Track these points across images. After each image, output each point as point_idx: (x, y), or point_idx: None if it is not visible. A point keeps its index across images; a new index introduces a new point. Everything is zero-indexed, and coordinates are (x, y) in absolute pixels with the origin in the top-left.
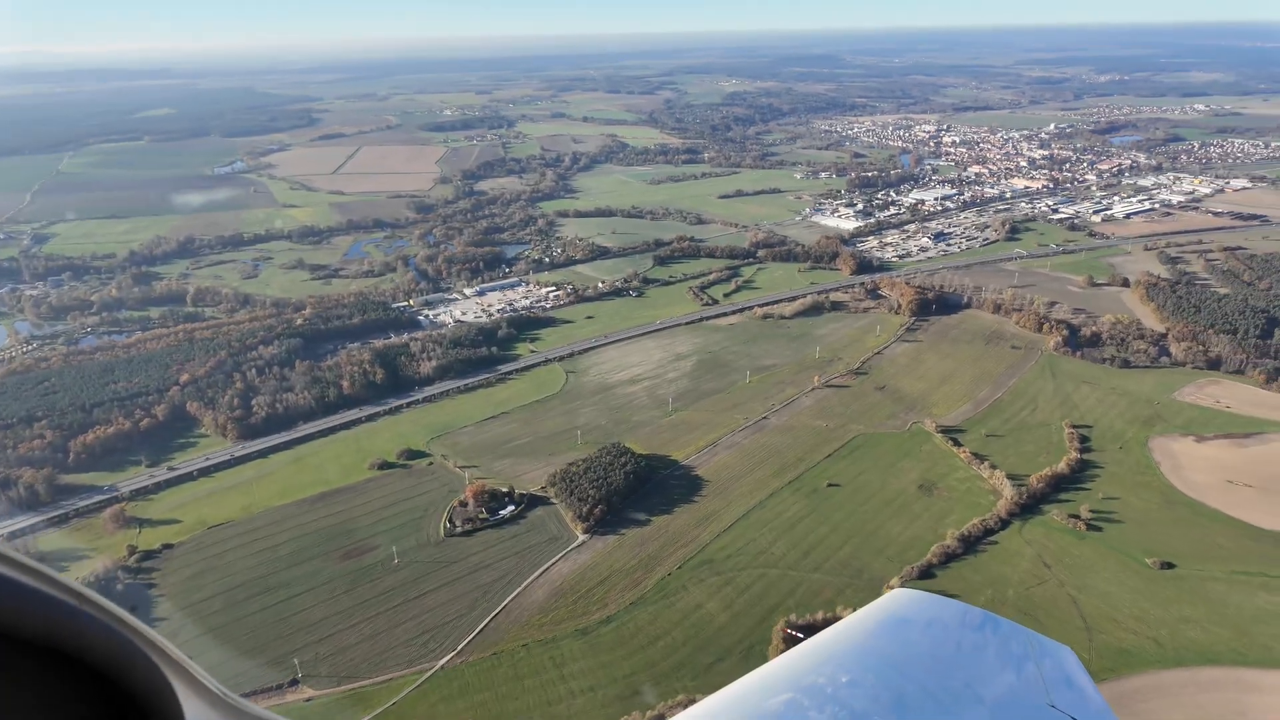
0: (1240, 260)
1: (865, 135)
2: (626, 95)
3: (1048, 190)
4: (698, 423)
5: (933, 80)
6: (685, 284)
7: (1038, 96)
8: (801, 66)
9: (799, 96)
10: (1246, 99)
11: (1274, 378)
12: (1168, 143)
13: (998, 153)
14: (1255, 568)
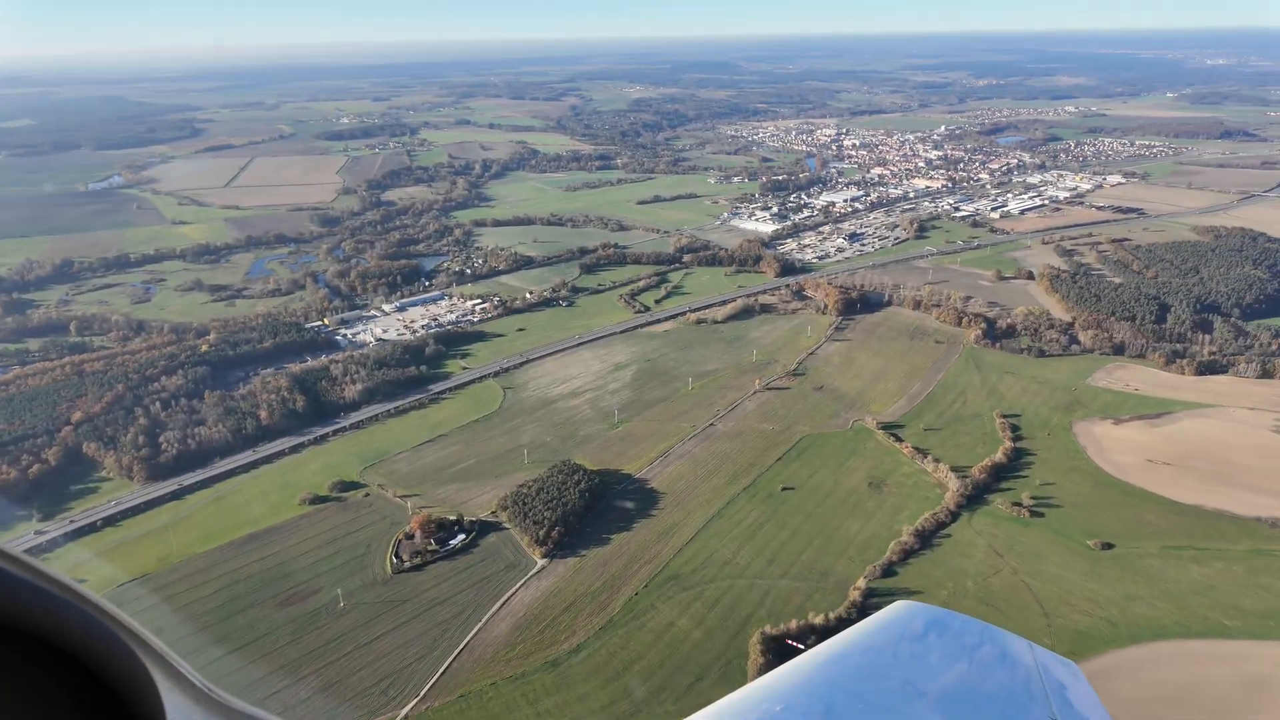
0: (1128, 251)
1: (770, 140)
2: (531, 101)
3: (947, 190)
4: (646, 433)
5: (827, 86)
6: (615, 291)
7: (925, 100)
8: (700, 73)
9: (702, 102)
10: (1108, 101)
11: (1172, 360)
12: (1047, 142)
13: (896, 154)
14: (1183, 541)
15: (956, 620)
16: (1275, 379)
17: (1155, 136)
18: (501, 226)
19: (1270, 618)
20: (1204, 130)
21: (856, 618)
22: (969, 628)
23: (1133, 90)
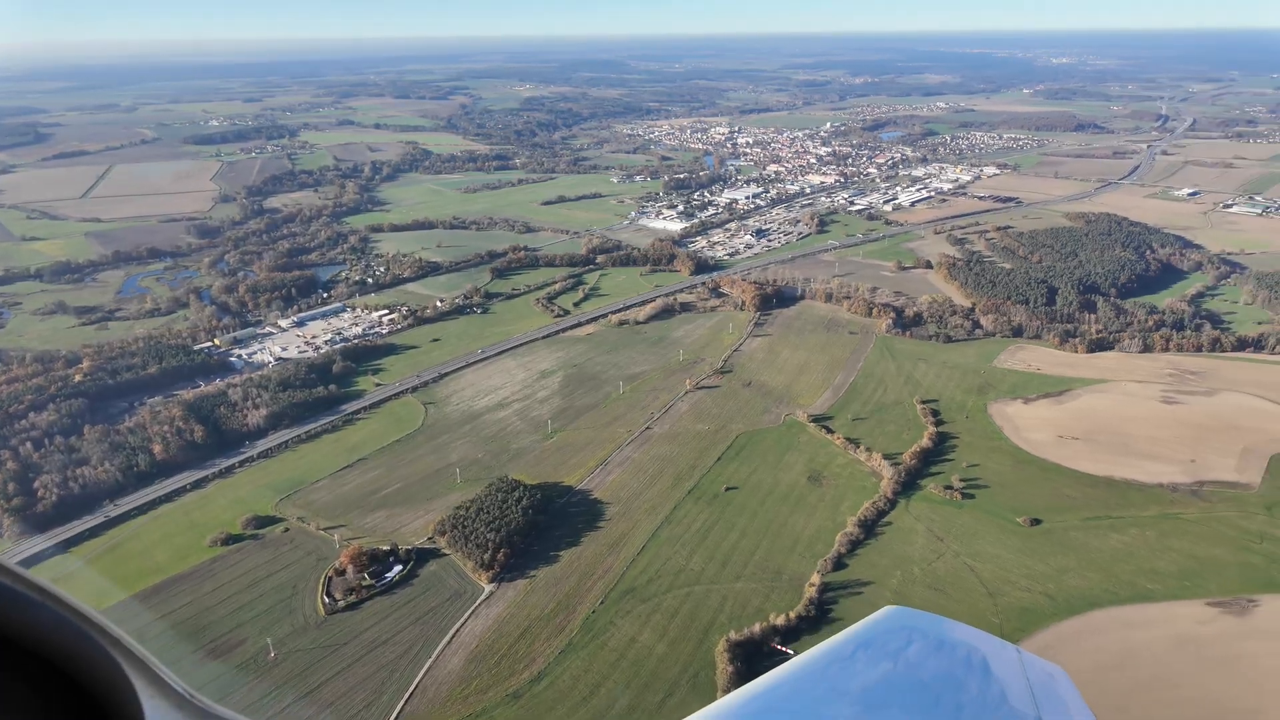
0: (1012, 238)
1: (667, 138)
2: (417, 101)
3: (840, 184)
4: (582, 442)
5: (715, 85)
6: (531, 296)
7: (809, 98)
8: (590, 71)
9: (595, 101)
10: (973, 97)
11: (1065, 340)
12: (925, 136)
13: (789, 151)
14: (1100, 512)
15: (944, 625)
16: (1155, 353)
17: (1019, 130)
18: (400, 231)
19: (1185, 578)
20: (1060, 124)
21: (816, 615)
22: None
23: (993, 87)
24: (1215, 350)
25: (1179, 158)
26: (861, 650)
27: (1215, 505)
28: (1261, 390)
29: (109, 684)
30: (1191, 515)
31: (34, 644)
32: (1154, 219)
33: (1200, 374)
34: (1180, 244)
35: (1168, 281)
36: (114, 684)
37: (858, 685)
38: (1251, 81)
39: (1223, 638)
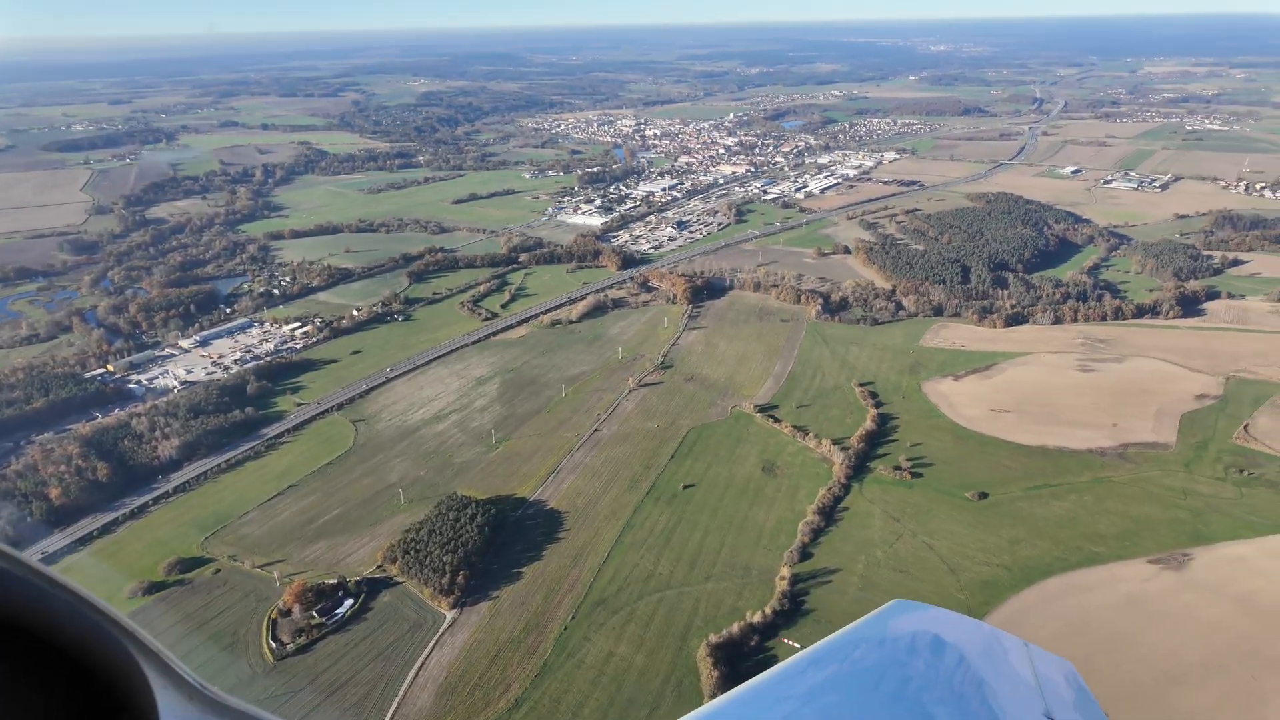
0: (921, 220)
1: (574, 131)
2: (305, 99)
3: (751, 174)
4: (529, 450)
5: (614, 76)
6: (454, 299)
7: (709, 89)
8: (487, 65)
9: (496, 95)
10: (865, 85)
11: (984, 316)
12: (824, 125)
13: (697, 143)
14: (1040, 481)
15: (950, 618)
16: (1066, 324)
17: (911, 115)
18: (303, 238)
19: (1124, 539)
20: (948, 108)
21: (790, 609)
22: (963, 626)
23: (881, 74)
24: (1118, 318)
25: (1058, 138)
26: (868, 644)
27: (1140, 466)
28: (1164, 354)
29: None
30: (1121, 478)
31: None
32: (1045, 197)
33: (1108, 341)
34: (1072, 219)
35: (1065, 255)
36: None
37: (865, 679)
38: (1109, 66)
39: (1166, 593)
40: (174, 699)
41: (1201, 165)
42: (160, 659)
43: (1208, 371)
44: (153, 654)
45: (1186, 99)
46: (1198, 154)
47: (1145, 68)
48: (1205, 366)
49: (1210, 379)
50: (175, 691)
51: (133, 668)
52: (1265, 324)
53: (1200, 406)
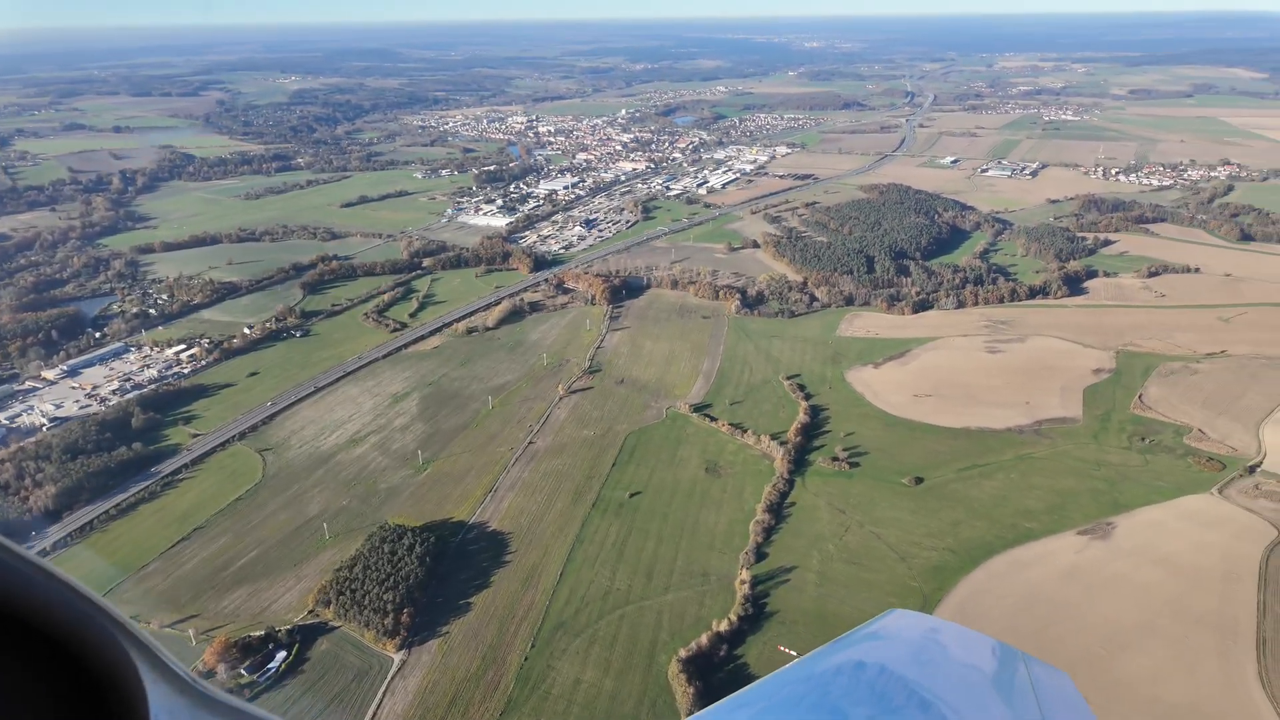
0: (821, 212)
1: (463, 129)
2: (162, 98)
3: (651, 170)
4: (461, 470)
5: (499, 72)
6: (356, 311)
7: (597, 85)
8: (361, 61)
9: (375, 92)
10: (748, 80)
11: (892, 304)
12: (715, 120)
13: (593, 139)
14: (968, 462)
15: (945, 628)
16: (968, 308)
17: (796, 110)
18: (178, 251)
19: (1053, 513)
20: (829, 103)
21: (754, 613)
22: (958, 635)
23: (762, 70)
24: (1014, 300)
25: (934, 129)
26: (864, 653)
27: (1056, 441)
28: (1060, 331)
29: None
30: (1041, 453)
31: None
32: (931, 186)
33: (1009, 322)
34: (959, 207)
35: (957, 242)
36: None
37: (860, 689)
38: (967, 61)
39: (1098, 562)
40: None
41: (1063, 153)
42: (151, 651)
43: (1099, 347)
44: (143, 646)
45: (1039, 91)
46: (1058, 143)
47: (1000, 62)
48: (1097, 342)
49: (1103, 353)
50: (166, 685)
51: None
52: (1139, 299)
53: (1098, 380)
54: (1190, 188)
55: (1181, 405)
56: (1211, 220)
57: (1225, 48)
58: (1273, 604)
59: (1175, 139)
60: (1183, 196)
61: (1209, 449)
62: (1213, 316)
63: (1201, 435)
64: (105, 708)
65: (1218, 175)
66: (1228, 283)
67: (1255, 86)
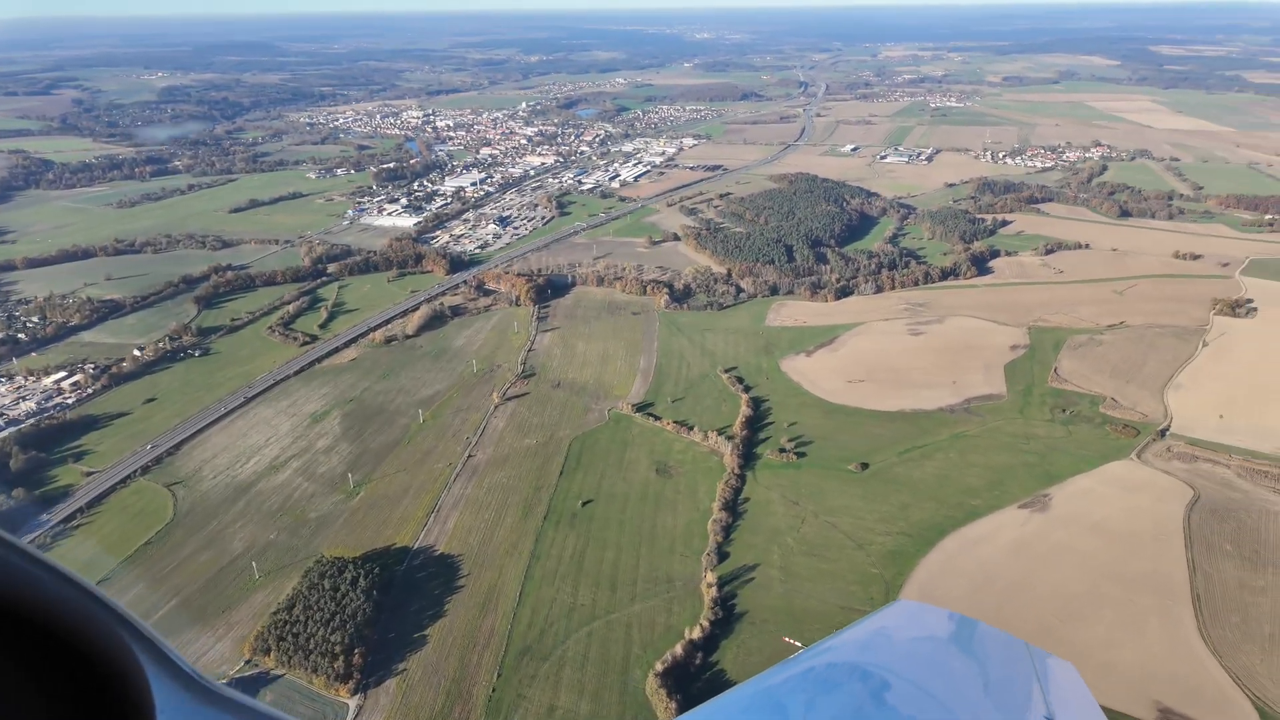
0: (736, 203)
1: (356, 125)
2: (7, 98)
3: (561, 164)
4: (397, 491)
5: (387, 66)
6: (260, 324)
7: (493, 78)
8: (236, 55)
9: (255, 89)
10: (645, 72)
11: (815, 291)
12: (619, 112)
13: (496, 133)
14: (908, 444)
15: (952, 619)
16: (886, 292)
17: (697, 101)
18: (44, 267)
19: (993, 489)
20: (728, 94)
21: (725, 617)
22: (964, 626)
23: (658, 62)
24: (928, 282)
25: (831, 118)
26: (870, 644)
27: (985, 418)
28: (975, 311)
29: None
30: (974, 431)
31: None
32: (835, 174)
33: (926, 304)
34: (864, 194)
35: (867, 228)
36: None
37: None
38: (853, 51)
39: (1041, 534)
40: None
41: (953, 138)
42: (155, 646)
43: (1012, 324)
44: (148, 640)
45: (923, 80)
46: (946, 128)
47: (883, 52)
48: (1009, 319)
49: (1016, 330)
50: (171, 680)
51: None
52: (1040, 276)
53: (1015, 356)
54: (1069, 168)
55: (1093, 376)
56: (1092, 199)
57: (1078, 37)
58: (1200, 561)
59: (1050, 123)
60: (1064, 177)
61: (1122, 416)
62: (1108, 290)
63: (1114, 404)
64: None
65: (1092, 156)
66: (1115, 257)
67: (1111, 73)
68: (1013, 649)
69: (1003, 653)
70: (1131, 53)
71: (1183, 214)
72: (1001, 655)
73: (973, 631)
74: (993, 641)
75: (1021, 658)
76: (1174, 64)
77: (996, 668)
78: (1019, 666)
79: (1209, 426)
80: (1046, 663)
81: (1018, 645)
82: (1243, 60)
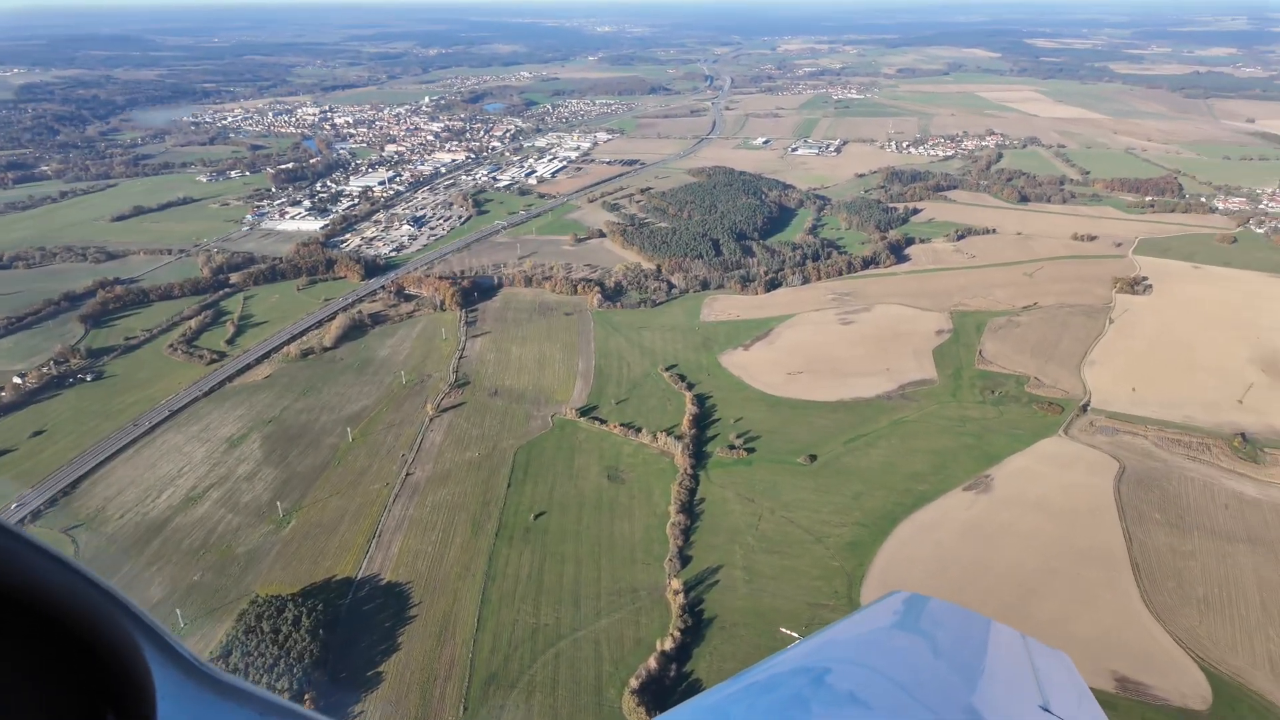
0: (657, 198)
1: (246, 124)
2: None
3: (473, 160)
4: (332, 517)
5: (274, 60)
6: (158, 342)
7: (391, 72)
8: (102, 49)
9: (129, 86)
10: (550, 65)
11: (745, 285)
12: (527, 107)
13: (400, 129)
14: (853, 433)
15: (947, 609)
16: (813, 283)
17: (607, 96)
18: None
19: (937, 473)
20: (636, 88)
21: (695, 624)
22: (959, 617)
23: (562, 56)
24: (851, 272)
25: (740, 111)
26: (866, 635)
27: (921, 403)
28: (899, 298)
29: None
30: (912, 417)
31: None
32: (751, 167)
33: (852, 294)
34: (781, 186)
35: (787, 220)
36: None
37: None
38: (753, 45)
39: (988, 514)
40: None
41: (858, 129)
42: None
43: (935, 309)
44: (148, 628)
45: (822, 72)
46: (851, 120)
47: (782, 45)
48: (931, 304)
49: (939, 315)
50: (172, 667)
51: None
52: (955, 261)
53: (941, 341)
54: (969, 156)
55: (1015, 356)
56: (993, 185)
57: (960, 30)
58: (1134, 531)
59: (946, 113)
60: (965, 165)
61: (1046, 394)
62: (1018, 273)
63: (1038, 382)
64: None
65: (987, 145)
66: (1021, 240)
67: (994, 65)
68: (1008, 639)
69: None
70: (1010, 45)
71: (1074, 198)
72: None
73: (968, 621)
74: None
75: (1015, 647)
76: (1049, 56)
77: (992, 657)
78: (1013, 656)
79: (1124, 400)
80: (1041, 653)
81: (1011, 634)
82: (1108, 52)
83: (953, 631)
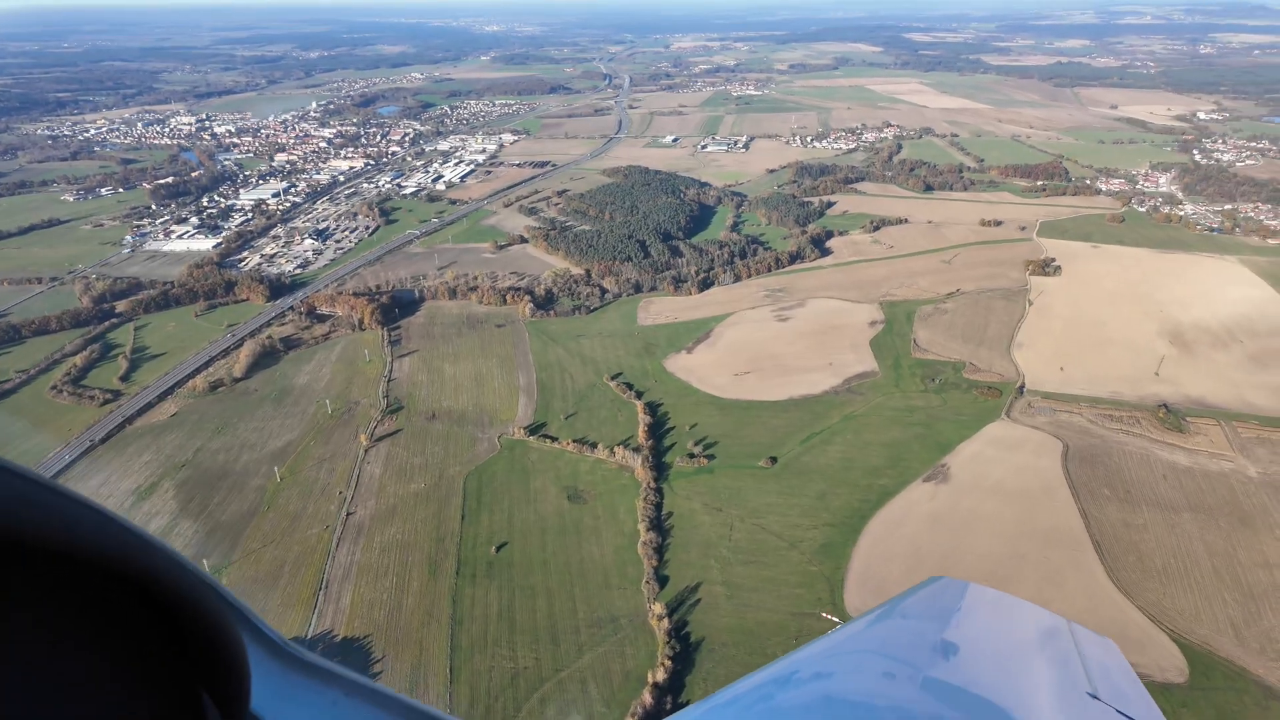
0: (576, 200)
1: (114, 137)
2: None
3: (373, 167)
4: (270, 569)
5: (138, 66)
6: (40, 384)
7: (271, 76)
8: None
9: None
10: (441, 66)
11: (678, 286)
12: (424, 109)
13: (288, 137)
14: (805, 431)
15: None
16: (744, 281)
17: (506, 96)
18: None
19: (894, 465)
20: (535, 88)
21: (684, 650)
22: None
23: (453, 55)
24: (779, 268)
25: (643, 110)
26: (908, 620)
27: (868, 396)
28: (829, 292)
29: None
30: (862, 410)
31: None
32: (664, 165)
33: (784, 290)
34: (697, 184)
35: (707, 218)
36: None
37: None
38: (646, 43)
39: (951, 504)
40: (260, 654)
41: (761, 125)
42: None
43: (865, 300)
44: (238, 610)
45: (718, 69)
46: (754, 116)
47: (674, 43)
48: (860, 296)
49: (870, 306)
50: (261, 647)
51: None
52: (875, 252)
53: (876, 332)
54: (870, 149)
55: (948, 343)
56: (898, 175)
57: (842, 25)
58: (1089, 509)
59: (843, 107)
60: (868, 157)
61: (983, 379)
62: (935, 260)
63: (973, 368)
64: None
65: (886, 137)
66: (933, 229)
67: (878, 59)
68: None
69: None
70: (890, 40)
71: (974, 184)
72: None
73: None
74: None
75: (1061, 633)
76: (926, 50)
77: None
78: (1061, 643)
79: (1055, 380)
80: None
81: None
82: (978, 45)
83: (998, 616)
